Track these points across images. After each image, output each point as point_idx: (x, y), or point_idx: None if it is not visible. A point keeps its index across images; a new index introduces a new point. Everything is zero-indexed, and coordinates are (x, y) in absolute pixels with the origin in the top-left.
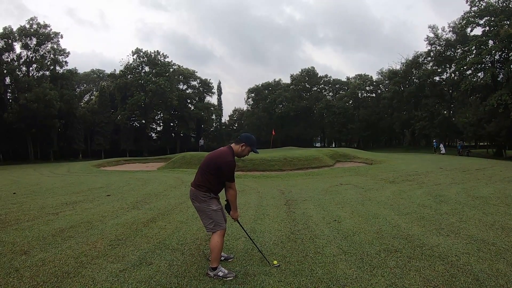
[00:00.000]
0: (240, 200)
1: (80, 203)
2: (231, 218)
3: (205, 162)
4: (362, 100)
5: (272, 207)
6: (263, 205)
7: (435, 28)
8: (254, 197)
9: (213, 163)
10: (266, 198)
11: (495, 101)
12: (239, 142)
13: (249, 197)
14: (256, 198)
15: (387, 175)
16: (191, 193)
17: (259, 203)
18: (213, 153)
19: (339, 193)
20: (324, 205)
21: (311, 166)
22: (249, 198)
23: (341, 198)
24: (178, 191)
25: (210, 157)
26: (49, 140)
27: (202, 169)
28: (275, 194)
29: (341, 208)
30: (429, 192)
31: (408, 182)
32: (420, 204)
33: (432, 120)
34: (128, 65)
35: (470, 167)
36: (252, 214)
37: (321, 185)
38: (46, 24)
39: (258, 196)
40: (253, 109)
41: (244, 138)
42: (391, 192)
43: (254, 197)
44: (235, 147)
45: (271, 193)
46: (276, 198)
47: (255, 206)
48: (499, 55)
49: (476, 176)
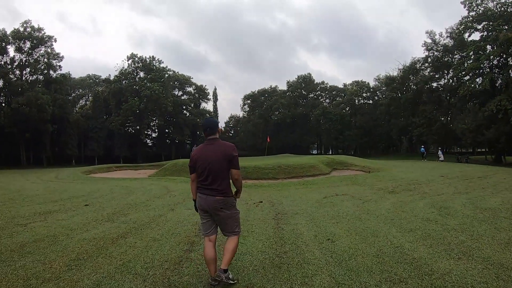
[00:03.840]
0: None
1: (54, 213)
2: None
3: (214, 164)
4: (359, 106)
5: (259, 221)
6: (250, 219)
7: (432, 34)
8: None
9: (223, 159)
10: (254, 211)
11: (494, 106)
12: (216, 129)
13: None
14: (243, 211)
15: (386, 184)
16: (216, 203)
17: (245, 217)
18: (213, 152)
19: (334, 205)
20: (317, 220)
21: (307, 174)
22: None
23: (336, 211)
24: (161, 201)
25: (215, 157)
26: (42, 145)
27: (217, 172)
28: (265, 206)
29: (336, 223)
30: (432, 203)
31: (408, 192)
32: (424, 218)
33: (430, 127)
34: (123, 70)
35: (472, 175)
36: None
37: (315, 196)
38: (40, 27)
39: (245, 208)
40: (249, 115)
41: (215, 124)
42: (391, 204)
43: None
44: (217, 136)
45: (260, 205)
46: (265, 211)
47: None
48: (497, 60)
49: (480, 185)
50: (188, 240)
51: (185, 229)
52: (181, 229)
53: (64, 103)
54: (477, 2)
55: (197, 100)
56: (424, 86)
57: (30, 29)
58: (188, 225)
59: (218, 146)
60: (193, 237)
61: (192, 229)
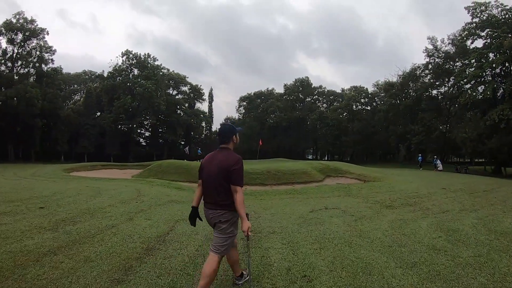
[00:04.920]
0: (187, 228)
1: (1, 215)
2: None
3: (212, 177)
4: (357, 112)
5: None
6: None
7: (434, 40)
8: (204, 223)
9: (223, 170)
10: None
11: (496, 116)
12: (228, 139)
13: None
14: (210, 227)
15: (383, 196)
16: (215, 214)
17: (209, 235)
18: (215, 163)
19: (321, 222)
20: (295, 244)
21: (297, 181)
22: (200, 225)
23: (322, 232)
24: (124, 207)
25: (214, 169)
26: (32, 141)
27: (215, 185)
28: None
29: (318, 250)
30: (437, 224)
31: (408, 207)
32: (430, 245)
33: (429, 135)
34: (116, 66)
35: (477, 188)
36: (189, 254)
37: (301, 209)
38: (33, 19)
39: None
40: (244, 118)
41: (228, 133)
42: (388, 223)
43: (204, 224)
44: (229, 145)
45: None
46: None
47: (201, 240)
48: (500, 69)
49: (488, 200)
50: (125, 264)
51: (130, 246)
52: (126, 247)
53: (54, 98)
54: (481, 9)
55: (192, 100)
56: (423, 93)
57: (23, 20)
58: (137, 241)
59: (222, 156)
60: (134, 260)
61: (139, 248)
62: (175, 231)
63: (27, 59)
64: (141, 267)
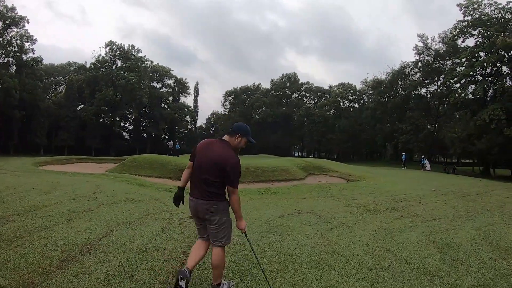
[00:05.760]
0: (125, 234)
1: None
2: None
3: (206, 167)
4: (344, 109)
5: (155, 255)
6: (148, 249)
7: (424, 38)
8: (156, 226)
9: (215, 165)
10: (167, 234)
11: (487, 116)
12: (233, 134)
13: (141, 228)
14: (158, 229)
15: (366, 199)
16: (205, 206)
17: (145, 245)
18: (210, 153)
19: (288, 231)
20: (248, 262)
21: (277, 179)
22: (142, 231)
23: (286, 245)
24: (71, 205)
25: (209, 158)
26: (10, 133)
27: (207, 175)
28: (189, 226)
29: (275, 273)
30: (429, 235)
31: (395, 212)
32: (421, 267)
33: (417, 134)
34: (99, 58)
35: (469, 190)
36: (108, 271)
37: (269, 213)
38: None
39: (161, 227)
40: (229, 113)
41: (237, 128)
42: (370, 234)
43: (156, 227)
44: (230, 140)
45: (185, 223)
46: (180, 236)
47: (134, 251)
48: (490, 69)
49: (483, 205)
50: (26, 280)
51: (47, 256)
52: (42, 256)
53: (34, 89)
54: (473, 7)
55: (177, 93)
56: (412, 92)
57: (3, 8)
58: (59, 249)
59: (219, 149)
60: (39, 275)
61: (56, 258)
62: (110, 238)
63: (6, 48)
64: (43, 284)
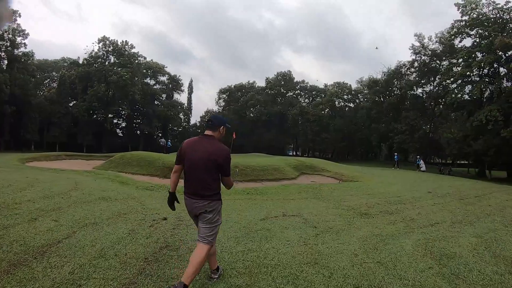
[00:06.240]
0: (88, 236)
1: None
2: None
3: (200, 165)
4: (339, 109)
5: (104, 270)
6: (107, 255)
7: (421, 37)
8: (115, 230)
9: (211, 162)
10: (133, 237)
11: (484, 116)
12: (216, 127)
13: (108, 229)
14: (114, 236)
15: (358, 200)
16: (201, 205)
17: (105, 249)
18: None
19: (268, 237)
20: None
21: (267, 178)
22: (106, 233)
23: (262, 253)
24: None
25: (203, 156)
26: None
27: (201, 174)
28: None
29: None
30: (425, 244)
31: (388, 216)
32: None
33: (412, 134)
34: (92, 53)
35: (466, 193)
36: (55, 279)
37: (251, 215)
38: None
39: (129, 228)
40: (223, 110)
41: (218, 121)
42: (360, 242)
43: (112, 232)
44: (214, 134)
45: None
46: (148, 239)
47: (91, 256)
48: (487, 69)
49: (482, 209)
50: None
51: None
52: None
53: (25, 84)
54: (471, 6)
55: (170, 90)
56: (408, 92)
57: None
58: (12, 251)
59: (210, 145)
60: None
61: (5, 262)
62: (70, 240)
63: None
64: None
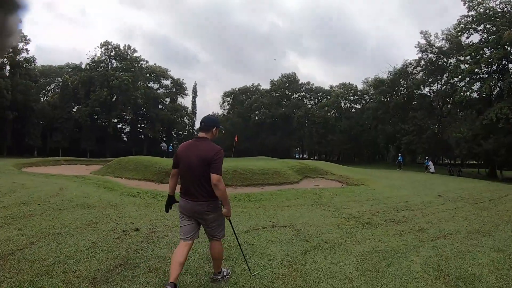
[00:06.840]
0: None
1: None
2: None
3: (194, 167)
4: (345, 110)
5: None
6: (67, 269)
7: (427, 35)
8: (77, 242)
9: (204, 161)
10: (95, 252)
11: (494, 114)
12: (209, 128)
13: (69, 241)
14: (72, 249)
15: (361, 208)
16: (202, 207)
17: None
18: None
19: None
20: None
21: (268, 182)
22: (59, 246)
23: (233, 278)
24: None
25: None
26: (2, 134)
27: (197, 175)
28: (130, 239)
29: None
30: (438, 262)
31: (394, 225)
32: None
33: (420, 135)
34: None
35: (480, 196)
36: None
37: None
38: None
39: (89, 241)
40: (228, 114)
41: (212, 123)
42: (359, 261)
43: (72, 244)
44: (207, 135)
45: (125, 238)
46: (109, 254)
47: (38, 270)
48: (496, 65)
49: (500, 215)
50: None
51: None
52: None
53: (26, 89)
54: (478, 1)
55: (174, 94)
56: (415, 91)
57: None
58: None
59: (202, 146)
60: None
61: None
62: (24, 252)
63: None
64: None
